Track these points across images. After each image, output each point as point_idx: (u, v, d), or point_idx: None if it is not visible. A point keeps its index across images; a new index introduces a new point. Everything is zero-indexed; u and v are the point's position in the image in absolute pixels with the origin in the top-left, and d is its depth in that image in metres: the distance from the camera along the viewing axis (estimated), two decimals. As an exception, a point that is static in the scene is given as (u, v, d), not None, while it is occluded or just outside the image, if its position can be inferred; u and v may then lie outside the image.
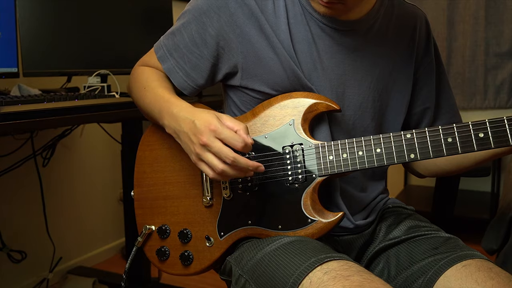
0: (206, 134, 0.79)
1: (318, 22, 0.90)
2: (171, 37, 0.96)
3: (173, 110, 0.86)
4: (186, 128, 0.83)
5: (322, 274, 0.74)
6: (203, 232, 0.93)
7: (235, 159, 0.78)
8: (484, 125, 0.79)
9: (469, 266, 0.81)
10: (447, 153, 0.80)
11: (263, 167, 0.82)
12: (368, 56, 0.93)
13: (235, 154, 0.78)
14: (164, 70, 0.96)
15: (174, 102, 0.88)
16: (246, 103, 0.95)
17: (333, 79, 0.91)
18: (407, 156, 0.82)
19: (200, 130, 0.79)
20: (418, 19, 1.00)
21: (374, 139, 0.84)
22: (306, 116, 0.88)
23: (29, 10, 1.50)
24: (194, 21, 0.92)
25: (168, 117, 0.87)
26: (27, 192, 1.99)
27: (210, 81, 0.96)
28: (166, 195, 0.98)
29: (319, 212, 0.86)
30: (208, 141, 0.78)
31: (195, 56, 0.93)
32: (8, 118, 1.03)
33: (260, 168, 0.81)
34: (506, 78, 2.71)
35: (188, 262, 0.94)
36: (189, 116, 0.83)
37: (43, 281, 2.03)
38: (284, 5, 0.89)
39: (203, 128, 0.79)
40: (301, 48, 0.89)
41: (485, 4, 2.66)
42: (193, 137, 0.81)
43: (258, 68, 0.90)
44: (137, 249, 1.00)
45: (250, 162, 0.80)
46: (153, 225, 0.98)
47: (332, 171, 0.86)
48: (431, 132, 0.81)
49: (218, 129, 0.78)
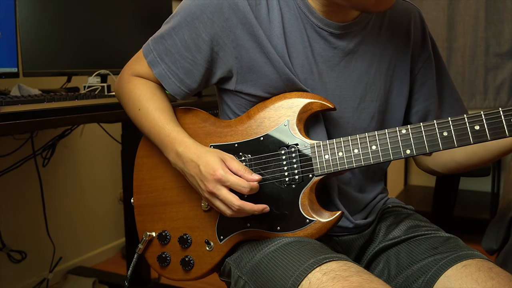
0: (211, 183, 0.81)
1: (314, 26, 0.89)
2: (161, 41, 0.93)
3: (177, 149, 0.87)
4: (193, 172, 0.85)
5: (321, 275, 0.74)
6: (202, 236, 0.93)
7: (240, 207, 0.81)
8: (479, 117, 0.78)
9: (470, 266, 0.81)
10: (443, 147, 0.79)
11: (268, 208, 0.84)
12: (363, 57, 0.93)
13: (240, 202, 0.80)
14: (155, 75, 0.94)
15: (176, 138, 0.89)
16: (241, 107, 0.95)
17: (328, 82, 0.91)
18: (403, 152, 0.81)
19: (206, 178, 0.82)
20: (412, 15, 0.99)
21: (369, 136, 0.83)
22: (301, 116, 0.88)
23: (29, 10, 1.50)
24: (186, 26, 0.90)
25: (173, 155, 0.89)
26: (27, 192, 1.99)
27: (203, 86, 0.95)
28: (165, 201, 0.97)
29: (317, 212, 0.86)
30: (214, 190, 0.81)
31: (187, 61, 0.91)
32: (8, 118, 1.03)
33: (265, 209, 0.83)
34: (506, 78, 2.71)
35: (189, 267, 0.94)
36: (195, 159, 0.84)
37: (43, 281, 2.03)
38: (279, 9, 0.88)
39: (208, 177, 0.81)
40: (296, 51, 0.89)
41: (485, 4, 2.66)
42: (200, 183, 0.84)
43: (253, 73, 0.89)
44: (138, 256, 1.00)
45: (255, 207, 0.82)
46: (154, 232, 0.98)
47: (329, 170, 0.85)
48: (426, 127, 0.80)
49: (223, 178, 0.80)
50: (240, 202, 0.80)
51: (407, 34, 0.98)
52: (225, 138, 0.92)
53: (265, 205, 0.83)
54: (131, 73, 0.99)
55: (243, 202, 0.81)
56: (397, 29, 0.97)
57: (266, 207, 0.83)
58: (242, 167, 0.82)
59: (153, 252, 0.98)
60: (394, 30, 0.96)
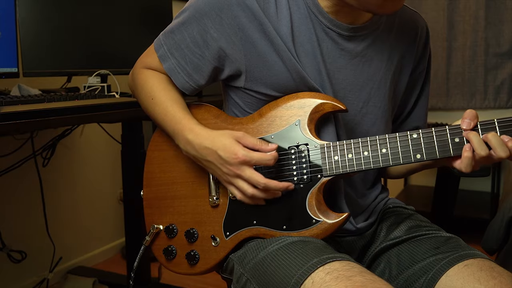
0: (235, 166, 0.83)
1: (324, 26, 0.89)
2: (171, 36, 0.94)
3: (187, 136, 0.89)
4: (210, 158, 0.86)
5: (324, 275, 0.74)
6: (209, 231, 0.94)
7: (266, 185, 0.82)
8: (492, 124, 0.78)
9: (471, 266, 0.81)
10: (454, 153, 0.80)
11: (292, 186, 0.85)
12: (370, 62, 0.93)
13: (265, 180, 0.82)
14: (164, 69, 0.96)
15: (186, 126, 0.90)
16: (250, 104, 0.95)
17: (334, 83, 0.91)
18: (413, 157, 0.81)
19: (229, 162, 0.83)
20: (419, 27, 1.00)
21: (380, 139, 0.83)
22: (312, 117, 0.88)
23: (29, 10, 1.50)
24: (195, 22, 0.90)
25: (183, 142, 0.90)
26: (27, 192, 1.99)
27: (211, 81, 0.96)
28: (174, 195, 0.98)
29: (324, 213, 0.86)
30: (239, 171, 0.83)
31: (196, 56, 0.92)
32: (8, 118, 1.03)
33: (290, 187, 0.85)
34: (506, 78, 2.71)
35: (194, 262, 0.94)
36: (209, 145, 0.85)
37: (43, 281, 2.03)
38: (288, 8, 0.88)
39: (231, 160, 0.83)
40: (305, 50, 0.89)
41: (485, 4, 2.66)
42: (221, 167, 0.85)
43: (262, 71, 0.89)
44: (145, 248, 1.01)
45: (280, 184, 0.83)
46: (161, 225, 0.99)
47: (337, 171, 0.85)
48: (437, 132, 0.80)
49: (247, 158, 0.82)
50: (266, 179, 0.82)
51: (413, 45, 0.99)
52: None
53: (290, 183, 0.85)
54: (143, 66, 1.01)
55: (268, 179, 0.82)
56: (404, 39, 0.98)
57: (290, 184, 0.85)
58: (257, 140, 0.84)
59: (159, 244, 0.99)
60: (402, 38, 0.97)
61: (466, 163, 0.79)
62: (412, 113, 1.06)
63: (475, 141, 0.77)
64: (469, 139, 0.78)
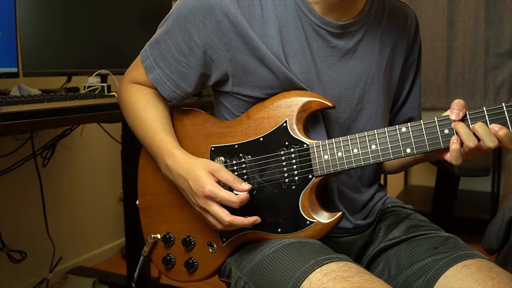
0: (201, 199, 0.83)
1: (313, 24, 0.88)
2: (156, 46, 0.92)
3: (166, 161, 0.89)
4: (183, 186, 0.86)
5: (321, 276, 0.74)
6: (205, 238, 0.93)
7: (230, 223, 0.82)
8: (482, 113, 0.77)
9: (470, 266, 0.81)
10: (444, 145, 0.79)
11: (259, 219, 0.85)
12: (362, 57, 0.92)
13: (230, 218, 0.81)
14: (150, 80, 0.94)
15: (165, 150, 0.89)
16: (238, 107, 0.94)
17: (327, 82, 0.90)
18: (403, 151, 0.80)
19: (197, 194, 0.83)
20: (409, 17, 1.00)
21: (368, 136, 0.82)
22: (300, 116, 0.87)
23: (29, 10, 1.50)
24: (178, 29, 0.88)
25: (163, 166, 0.90)
26: (27, 192, 1.99)
27: (199, 89, 0.94)
28: (169, 203, 0.97)
29: (317, 213, 0.85)
30: (205, 205, 0.83)
31: (182, 65, 0.91)
32: (8, 118, 1.03)
33: (257, 221, 0.84)
34: (506, 78, 2.71)
35: (193, 269, 0.94)
36: (183, 173, 0.85)
37: (43, 281, 2.03)
38: (274, 9, 0.87)
39: (198, 193, 0.83)
40: (294, 50, 0.88)
41: (485, 4, 2.66)
42: (191, 197, 0.86)
43: (248, 76, 0.88)
44: (144, 258, 1.01)
45: (246, 221, 0.82)
46: (158, 234, 0.98)
47: (328, 170, 0.84)
48: (427, 125, 0.79)
49: (212, 194, 0.81)
50: (230, 217, 0.81)
51: (403, 34, 0.99)
52: (225, 139, 0.92)
53: (256, 217, 0.84)
54: (129, 81, 0.99)
55: (233, 217, 0.81)
56: (395, 28, 0.97)
57: (257, 219, 0.84)
58: (231, 176, 0.83)
59: (158, 254, 0.99)
60: (392, 28, 0.97)
61: (455, 156, 0.78)
62: (405, 105, 1.06)
63: (463, 132, 0.76)
64: (457, 130, 0.77)
